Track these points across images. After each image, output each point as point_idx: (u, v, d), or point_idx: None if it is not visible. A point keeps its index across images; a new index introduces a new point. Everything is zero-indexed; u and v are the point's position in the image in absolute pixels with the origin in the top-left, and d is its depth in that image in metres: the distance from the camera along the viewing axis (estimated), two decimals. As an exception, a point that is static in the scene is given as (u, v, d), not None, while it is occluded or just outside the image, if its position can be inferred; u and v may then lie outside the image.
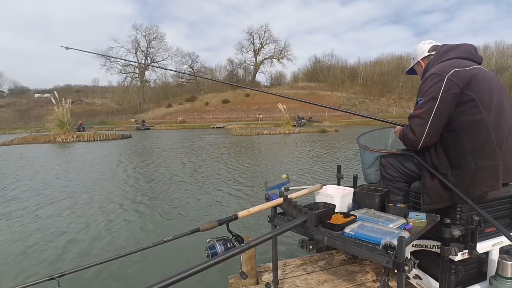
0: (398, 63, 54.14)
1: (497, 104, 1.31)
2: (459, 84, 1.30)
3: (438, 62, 1.48)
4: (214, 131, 29.72)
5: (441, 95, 1.31)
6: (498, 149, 1.28)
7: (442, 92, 1.31)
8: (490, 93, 1.31)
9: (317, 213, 1.31)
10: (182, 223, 3.94)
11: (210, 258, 0.99)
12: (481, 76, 1.34)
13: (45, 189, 6.01)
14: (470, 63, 1.40)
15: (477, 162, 1.27)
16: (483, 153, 1.27)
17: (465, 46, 1.48)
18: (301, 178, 6.36)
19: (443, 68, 1.37)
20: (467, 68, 1.35)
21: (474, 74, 1.33)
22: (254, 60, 67.16)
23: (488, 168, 1.27)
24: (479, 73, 1.34)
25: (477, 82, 1.31)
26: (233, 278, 1.86)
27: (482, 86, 1.31)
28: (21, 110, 58.58)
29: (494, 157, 1.27)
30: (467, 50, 1.47)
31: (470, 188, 1.28)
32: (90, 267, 1.18)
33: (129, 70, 65.61)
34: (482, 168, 1.27)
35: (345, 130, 23.97)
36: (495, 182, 1.29)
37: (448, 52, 1.48)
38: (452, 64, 1.38)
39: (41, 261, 2.97)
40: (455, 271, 1.34)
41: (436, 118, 1.32)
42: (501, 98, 1.34)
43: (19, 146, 16.59)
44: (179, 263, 2.84)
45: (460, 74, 1.32)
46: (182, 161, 9.51)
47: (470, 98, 1.29)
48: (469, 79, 1.31)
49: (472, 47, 1.49)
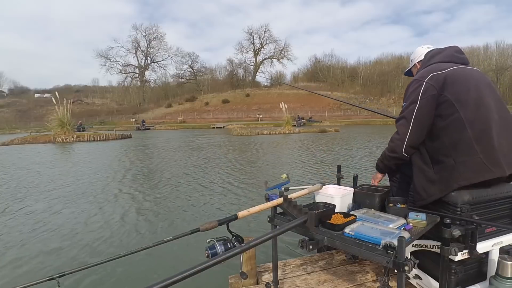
0: (398, 63, 54.07)
1: (475, 101, 1.36)
2: (436, 87, 1.40)
3: (423, 67, 1.59)
4: (214, 131, 29.72)
5: (420, 98, 1.42)
6: (475, 143, 1.32)
7: (421, 95, 1.42)
8: (466, 91, 1.38)
9: (317, 213, 1.31)
10: (182, 223, 3.95)
11: (210, 258, 0.99)
12: (456, 76, 1.41)
13: (45, 188, 6.01)
14: (450, 65, 1.48)
15: (455, 158, 1.35)
16: (459, 149, 1.35)
17: (448, 50, 1.58)
18: (301, 178, 6.36)
19: (423, 74, 1.49)
20: (443, 72, 1.43)
21: (449, 75, 1.41)
22: (254, 60, 67.17)
23: (466, 163, 1.33)
24: (455, 74, 1.42)
25: (452, 83, 1.39)
26: (233, 278, 1.86)
27: (458, 86, 1.39)
28: (21, 110, 58.55)
29: (471, 151, 1.33)
30: (449, 54, 1.56)
31: (449, 182, 1.35)
32: (90, 267, 1.18)
33: (129, 70, 65.70)
34: (460, 163, 1.34)
35: (345, 130, 23.96)
36: (473, 175, 1.32)
37: (434, 57, 1.58)
38: (430, 69, 1.49)
39: (41, 261, 2.97)
40: (455, 271, 1.34)
41: (417, 118, 1.42)
42: (480, 94, 1.38)
43: (19, 146, 16.59)
44: (179, 263, 2.84)
45: (435, 77, 1.42)
46: (182, 161, 9.52)
47: (446, 98, 1.38)
48: (443, 81, 1.40)
49: (455, 49, 1.57)
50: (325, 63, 64.09)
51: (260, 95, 56.27)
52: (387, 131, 19.77)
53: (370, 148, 11.71)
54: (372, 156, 9.23)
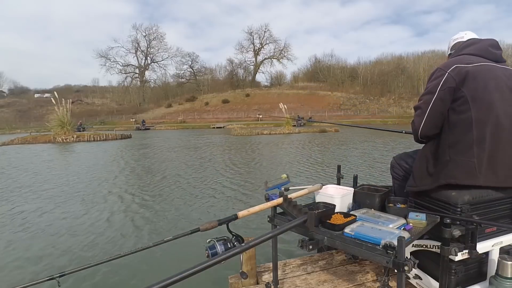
0: (398, 63, 54.10)
1: (490, 103, 1.31)
2: (455, 79, 1.35)
3: (454, 56, 1.52)
4: (214, 131, 29.72)
5: (439, 89, 1.37)
6: (475, 146, 1.30)
7: (440, 86, 1.37)
8: (484, 90, 1.32)
9: (317, 213, 1.31)
10: (182, 223, 3.95)
11: (210, 258, 0.99)
12: (480, 73, 1.34)
13: (46, 189, 6.01)
14: (479, 59, 1.40)
15: (451, 155, 1.35)
16: (458, 148, 1.34)
17: (483, 43, 1.47)
18: (301, 178, 6.36)
19: (448, 63, 1.42)
20: (468, 65, 1.36)
21: (472, 71, 1.34)
22: (254, 60, 67.17)
23: (458, 162, 1.33)
24: (479, 70, 1.35)
25: (473, 79, 1.33)
26: (233, 278, 1.86)
27: (477, 83, 1.32)
28: (21, 110, 58.54)
29: (467, 153, 1.31)
30: (483, 47, 1.45)
31: (439, 177, 1.38)
32: (90, 267, 1.18)
33: (129, 70, 65.70)
34: (453, 161, 1.34)
35: (345, 130, 23.96)
36: (461, 176, 1.32)
37: (467, 48, 1.49)
38: (456, 60, 1.41)
39: (41, 261, 2.97)
40: (455, 271, 1.34)
41: (433, 109, 1.40)
42: (499, 97, 1.32)
43: (19, 146, 16.58)
44: (179, 263, 2.84)
45: (458, 70, 1.36)
46: (182, 161, 9.51)
47: (463, 94, 1.33)
48: (465, 76, 1.34)
49: (490, 43, 1.47)
50: (325, 63, 64.10)
51: (260, 95, 56.26)
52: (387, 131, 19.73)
53: (370, 148, 11.71)
54: (372, 156, 9.24)
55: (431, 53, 53.73)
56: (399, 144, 12.27)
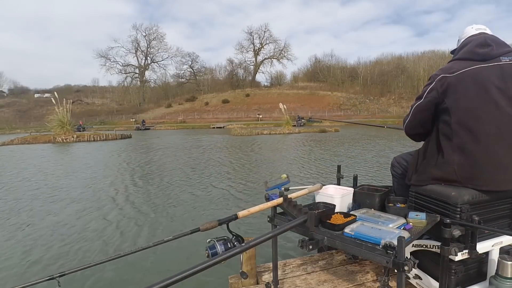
0: (398, 63, 54.14)
1: (469, 110, 1.31)
2: (438, 91, 1.40)
3: (453, 58, 1.49)
4: (214, 131, 29.71)
5: (425, 96, 1.45)
6: (456, 154, 1.35)
7: (426, 93, 1.44)
8: (465, 98, 1.32)
9: (317, 213, 1.31)
10: (182, 223, 3.95)
11: (210, 258, 0.99)
12: (463, 81, 1.32)
13: (45, 189, 6.01)
14: (464, 64, 1.36)
15: (437, 158, 1.43)
16: (443, 153, 1.40)
17: (471, 44, 1.40)
18: (301, 178, 6.36)
19: (439, 71, 1.46)
20: (451, 75, 1.36)
21: (453, 82, 1.34)
22: (254, 60, 67.23)
23: (442, 167, 1.40)
24: (462, 78, 1.33)
25: (453, 90, 1.35)
26: (233, 278, 1.86)
27: (458, 93, 1.34)
28: (21, 110, 58.58)
29: (450, 160, 1.37)
30: (469, 49, 1.39)
31: (424, 176, 1.46)
32: (90, 267, 1.18)
33: (129, 70, 65.73)
34: (437, 165, 1.42)
35: (345, 130, 23.96)
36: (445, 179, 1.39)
37: (461, 50, 1.45)
38: (444, 69, 1.42)
39: (41, 261, 2.96)
40: (455, 271, 1.34)
41: (415, 113, 1.51)
42: (481, 102, 1.30)
43: (19, 146, 16.58)
44: (179, 263, 2.84)
45: (443, 81, 1.39)
46: (182, 161, 9.51)
47: (445, 106, 1.38)
48: (447, 87, 1.37)
49: (478, 42, 1.38)
50: (325, 63, 64.16)
51: (260, 95, 56.31)
52: (387, 131, 19.76)
53: (370, 148, 11.71)
54: (372, 156, 9.24)
55: (431, 53, 53.86)
56: (399, 144, 12.28)
